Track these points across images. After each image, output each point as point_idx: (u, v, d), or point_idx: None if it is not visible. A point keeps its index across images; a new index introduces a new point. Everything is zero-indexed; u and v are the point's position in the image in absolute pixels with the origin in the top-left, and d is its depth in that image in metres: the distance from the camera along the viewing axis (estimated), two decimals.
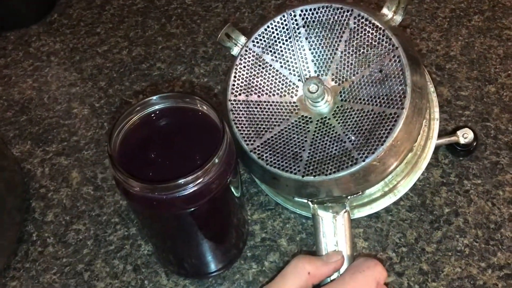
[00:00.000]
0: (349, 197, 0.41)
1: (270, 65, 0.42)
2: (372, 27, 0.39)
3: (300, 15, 0.41)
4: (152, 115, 0.38)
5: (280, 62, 0.42)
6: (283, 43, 0.42)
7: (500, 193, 0.48)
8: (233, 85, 0.42)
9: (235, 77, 0.42)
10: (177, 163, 0.36)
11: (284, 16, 0.42)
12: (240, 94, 0.42)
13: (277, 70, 0.42)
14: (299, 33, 0.42)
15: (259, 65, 0.42)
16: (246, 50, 0.42)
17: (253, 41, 0.42)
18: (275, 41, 0.42)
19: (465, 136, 0.49)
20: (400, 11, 0.40)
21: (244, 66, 0.42)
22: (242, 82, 0.42)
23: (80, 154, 0.55)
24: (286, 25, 0.42)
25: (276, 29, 0.42)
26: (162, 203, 0.34)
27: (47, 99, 0.60)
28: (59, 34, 0.67)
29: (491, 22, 0.61)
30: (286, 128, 0.41)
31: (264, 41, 0.42)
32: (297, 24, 0.42)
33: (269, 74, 0.42)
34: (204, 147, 0.37)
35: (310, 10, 0.41)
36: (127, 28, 0.66)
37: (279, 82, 0.42)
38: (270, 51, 0.42)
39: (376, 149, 0.37)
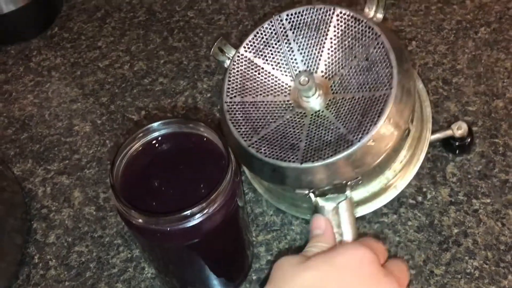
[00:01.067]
0: (349, 184, 0.40)
1: (262, 68, 0.44)
2: (354, 21, 0.42)
3: (286, 19, 0.44)
4: (155, 141, 0.37)
5: (272, 65, 0.44)
6: (273, 47, 0.44)
7: (510, 213, 0.48)
8: (228, 88, 0.43)
9: (229, 81, 0.44)
10: (181, 192, 0.36)
11: (271, 22, 0.44)
12: (235, 96, 0.43)
13: (269, 72, 0.44)
14: (287, 36, 0.44)
15: (252, 69, 0.44)
16: (238, 56, 0.44)
17: (244, 47, 0.44)
18: (265, 45, 0.44)
19: (458, 128, 0.49)
20: (379, 9, 0.42)
21: (238, 71, 0.44)
22: (236, 85, 0.44)
23: (82, 172, 0.55)
24: (274, 30, 0.44)
25: (266, 35, 0.44)
26: (166, 234, 0.34)
27: (48, 115, 0.60)
28: (60, 48, 0.66)
29: (498, 34, 0.60)
30: (282, 124, 0.42)
31: (255, 46, 0.44)
32: (284, 28, 0.44)
33: (262, 76, 0.44)
34: (208, 174, 0.36)
35: (295, 13, 0.44)
36: (129, 41, 0.66)
37: (272, 83, 0.44)
38: (261, 55, 0.44)
39: (370, 129, 0.38)
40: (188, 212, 0.32)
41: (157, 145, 0.37)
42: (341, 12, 0.42)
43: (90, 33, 0.67)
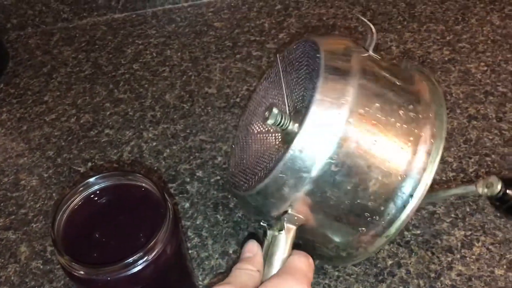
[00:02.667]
0: (282, 218, 0.39)
1: (272, 98, 0.44)
2: (314, 51, 0.39)
3: (285, 56, 0.44)
4: (95, 194, 0.39)
5: (274, 99, 0.43)
6: (276, 82, 0.43)
7: (438, 242, 0.51)
8: (245, 111, 0.46)
9: (248, 105, 0.46)
10: (121, 242, 0.37)
11: (277, 57, 0.44)
12: (243, 120, 0.46)
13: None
14: (287, 71, 0.43)
15: (264, 97, 0.44)
16: (260, 86, 0.46)
17: (265, 77, 0.46)
18: (274, 78, 0.44)
19: (488, 185, 0.38)
20: (372, 44, 0.40)
21: (255, 98, 0.46)
22: (251, 110, 0.46)
23: (29, 227, 0.55)
24: (280, 64, 0.43)
25: (274, 69, 0.44)
26: (107, 284, 0.35)
27: None
28: (6, 104, 0.67)
29: None
30: (260, 151, 0.42)
31: (269, 77, 0.45)
32: (284, 64, 0.43)
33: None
34: (147, 223, 0.38)
35: (290, 50, 0.43)
36: (75, 95, 0.67)
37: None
38: (274, 85, 0.43)
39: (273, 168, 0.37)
40: (126, 262, 0.34)
41: (96, 198, 0.38)
42: (313, 43, 0.40)
43: (37, 88, 0.69)
